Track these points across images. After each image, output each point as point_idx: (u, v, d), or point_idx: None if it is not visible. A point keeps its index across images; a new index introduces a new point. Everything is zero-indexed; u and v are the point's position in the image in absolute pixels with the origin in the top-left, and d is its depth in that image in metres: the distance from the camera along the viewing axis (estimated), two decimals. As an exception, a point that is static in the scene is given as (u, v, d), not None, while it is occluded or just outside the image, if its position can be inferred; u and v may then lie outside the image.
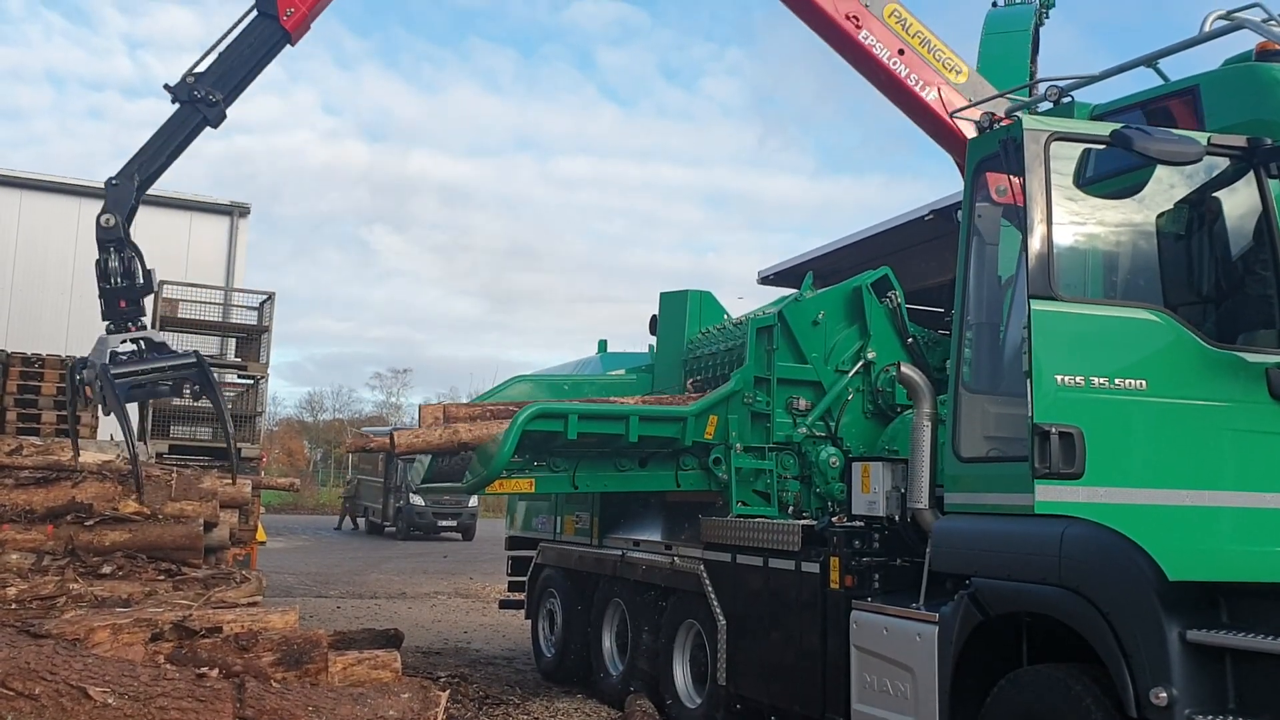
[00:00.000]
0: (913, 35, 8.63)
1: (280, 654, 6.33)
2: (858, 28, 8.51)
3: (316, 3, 8.49)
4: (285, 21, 8.27)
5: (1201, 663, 4.61)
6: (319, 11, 8.61)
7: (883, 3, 8.64)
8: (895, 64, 8.54)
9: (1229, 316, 5.23)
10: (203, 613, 6.52)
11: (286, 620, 6.66)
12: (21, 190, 20.89)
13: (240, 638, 6.27)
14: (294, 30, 8.39)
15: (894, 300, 8.85)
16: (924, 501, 6.30)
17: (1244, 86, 5.52)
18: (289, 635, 6.51)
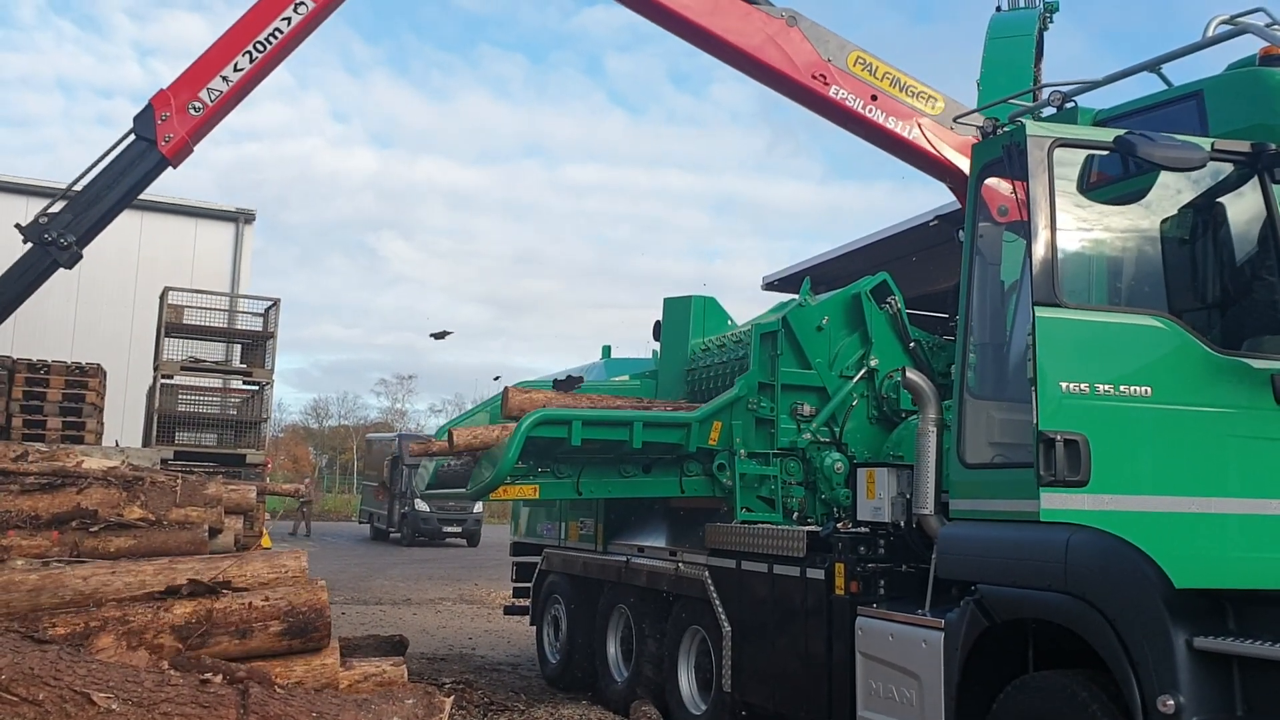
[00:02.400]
0: (881, 78, 8.56)
1: (286, 624, 6.48)
2: (826, 85, 8.46)
3: (199, 128, 7.86)
4: (164, 148, 7.78)
5: (1208, 670, 4.59)
6: (202, 135, 7.96)
7: (846, 52, 8.55)
8: (871, 111, 8.51)
9: (1234, 322, 5.23)
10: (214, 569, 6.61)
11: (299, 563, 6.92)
12: (27, 197, 20.92)
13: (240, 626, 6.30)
14: (173, 156, 7.85)
15: (894, 305, 8.84)
16: (929, 507, 6.29)
17: (1248, 91, 5.52)
18: (294, 604, 6.68)
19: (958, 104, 8.76)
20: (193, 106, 7.65)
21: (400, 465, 33.71)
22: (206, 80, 7.74)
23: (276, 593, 6.70)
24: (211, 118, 7.77)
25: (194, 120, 7.65)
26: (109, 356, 16.69)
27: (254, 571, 6.85)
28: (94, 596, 6.36)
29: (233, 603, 6.44)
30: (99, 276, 20.73)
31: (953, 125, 8.46)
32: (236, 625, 6.46)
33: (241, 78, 7.76)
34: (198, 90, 7.68)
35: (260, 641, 6.57)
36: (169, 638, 6.15)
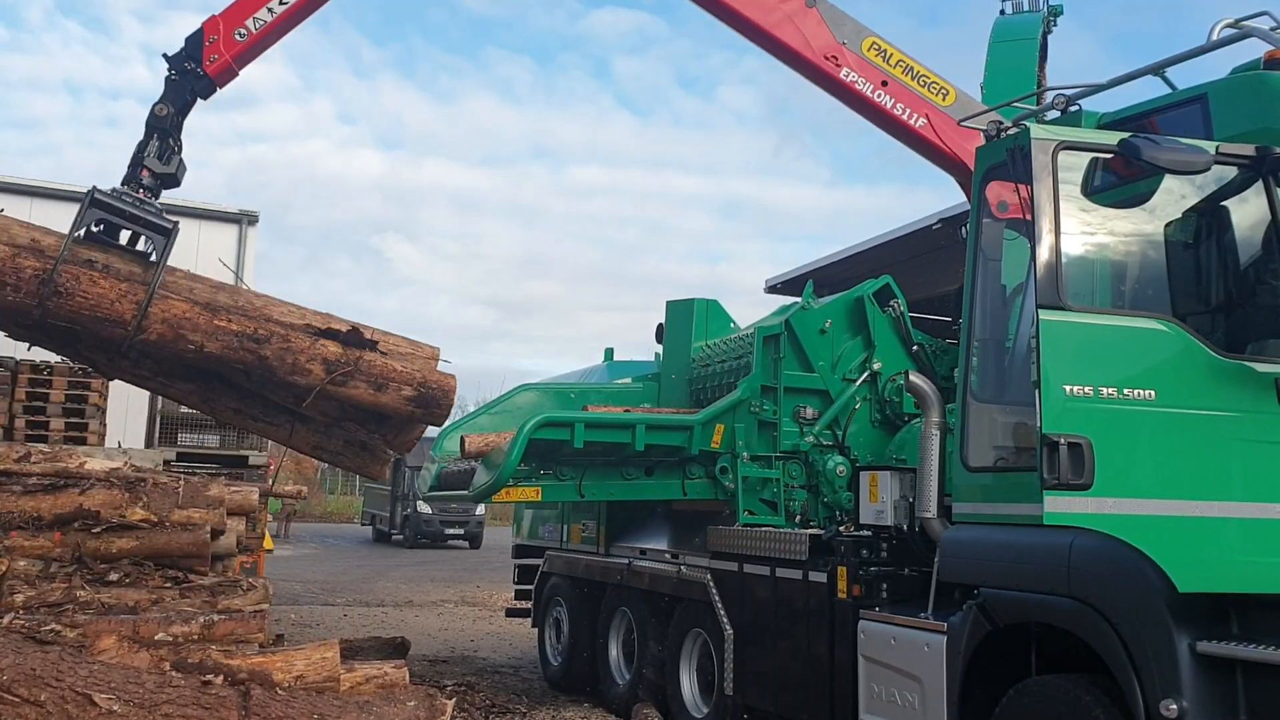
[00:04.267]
0: (894, 65, 8.62)
1: (417, 392, 7.38)
2: (838, 66, 8.53)
3: (242, 52, 8.12)
4: (208, 67, 8.06)
5: (1212, 674, 4.58)
6: (246, 61, 8.23)
7: (861, 37, 8.62)
8: (880, 96, 8.56)
9: (1238, 326, 5.22)
10: (368, 329, 7.56)
11: (434, 350, 7.92)
12: (31, 198, 20.95)
13: (378, 379, 7.23)
14: (216, 76, 8.09)
15: (896, 309, 8.84)
16: (932, 511, 6.28)
17: (1252, 95, 5.51)
18: (428, 378, 7.45)
19: (970, 98, 8.78)
20: (238, 32, 8.01)
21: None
22: (253, 9, 8.10)
23: (414, 365, 7.47)
24: (255, 44, 8.12)
25: (239, 45, 8.02)
26: (112, 358, 16.70)
27: (396, 344, 7.62)
28: (263, 311, 7.21)
29: (377, 359, 7.30)
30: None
31: (960, 124, 8.45)
32: (376, 377, 7.37)
33: (281, 15, 8.13)
34: (244, 18, 8.03)
35: (390, 398, 7.43)
36: (319, 367, 7.01)
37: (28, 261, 6.67)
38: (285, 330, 7.15)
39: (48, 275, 6.60)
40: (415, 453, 34.69)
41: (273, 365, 7.08)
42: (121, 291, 6.85)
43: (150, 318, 6.83)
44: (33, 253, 6.72)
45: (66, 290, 6.69)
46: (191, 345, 6.87)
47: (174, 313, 6.89)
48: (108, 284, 6.83)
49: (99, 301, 6.75)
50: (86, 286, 6.74)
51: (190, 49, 8.04)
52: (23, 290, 6.67)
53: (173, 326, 6.91)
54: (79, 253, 6.90)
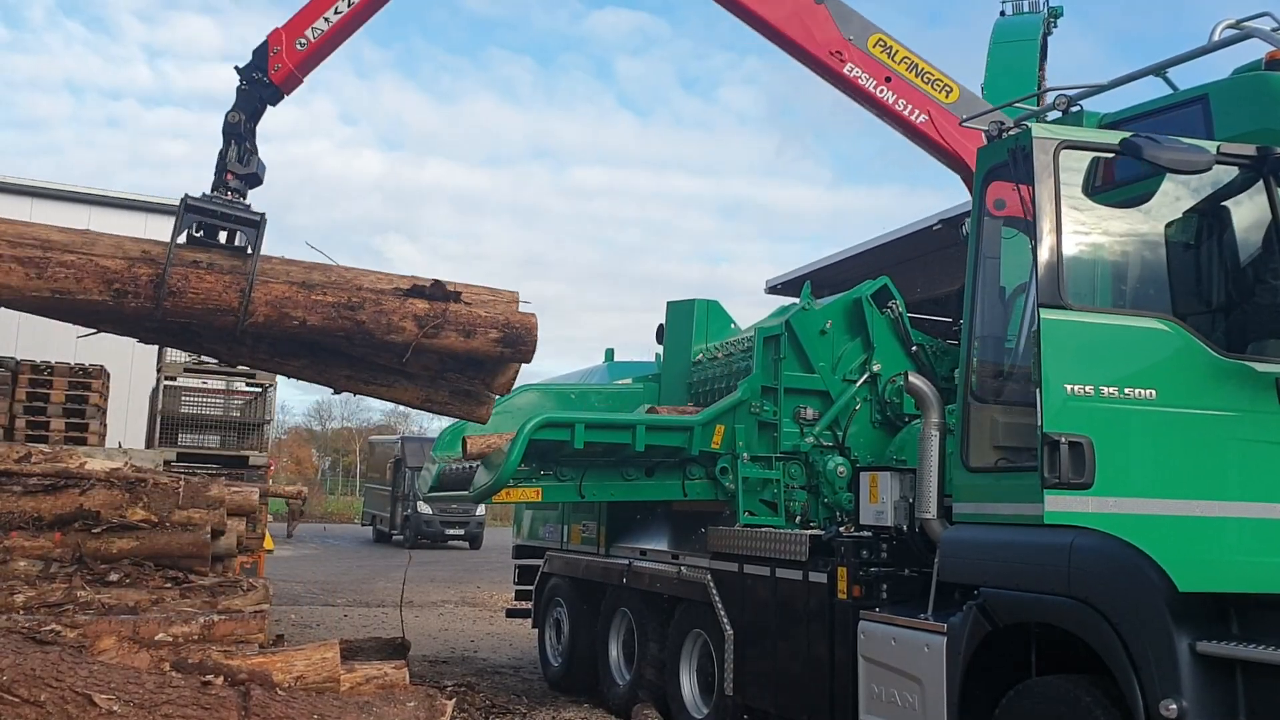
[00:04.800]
0: (899, 61, 8.72)
1: (503, 333, 7.89)
2: (842, 62, 8.67)
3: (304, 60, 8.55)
4: (273, 75, 8.50)
5: (1212, 674, 4.58)
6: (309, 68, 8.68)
7: (868, 33, 8.75)
8: (882, 92, 8.67)
9: (1238, 326, 5.22)
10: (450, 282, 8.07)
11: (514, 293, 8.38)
12: (31, 199, 20.97)
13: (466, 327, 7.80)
14: (281, 83, 8.53)
15: (895, 310, 8.84)
16: (932, 511, 6.28)
17: (1253, 95, 5.51)
18: (510, 319, 7.98)
19: (974, 95, 8.84)
20: (299, 42, 8.49)
21: (403, 467, 33.74)
22: (312, 20, 8.54)
23: (496, 309, 8.04)
24: (315, 52, 8.60)
25: (300, 54, 8.50)
26: (112, 358, 16.67)
27: (477, 293, 8.16)
28: (353, 281, 7.79)
29: (462, 308, 7.89)
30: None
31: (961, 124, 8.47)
32: (464, 325, 7.91)
33: (339, 21, 8.57)
34: (304, 29, 8.50)
35: (480, 342, 7.97)
36: (411, 324, 7.70)
37: (143, 270, 7.32)
38: (376, 295, 7.76)
39: (160, 278, 7.26)
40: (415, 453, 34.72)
41: (370, 328, 7.70)
42: (226, 283, 7.48)
43: (255, 301, 7.44)
44: (145, 262, 7.35)
45: (178, 289, 7.31)
46: (295, 320, 7.52)
47: (275, 294, 7.52)
48: (213, 278, 7.47)
49: (208, 295, 7.40)
50: (195, 283, 7.38)
51: (257, 60, 8.51)
52: (142, 295, 7.28)
53: (276, 306, 7.52)
54: (184, 255, 7.52)
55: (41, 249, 7.12)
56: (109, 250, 7.33)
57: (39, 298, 7.20)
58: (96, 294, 7.22)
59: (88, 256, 7.23)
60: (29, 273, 7.02)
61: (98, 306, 7.39)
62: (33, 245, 7.09)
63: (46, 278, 7.07)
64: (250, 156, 8.29)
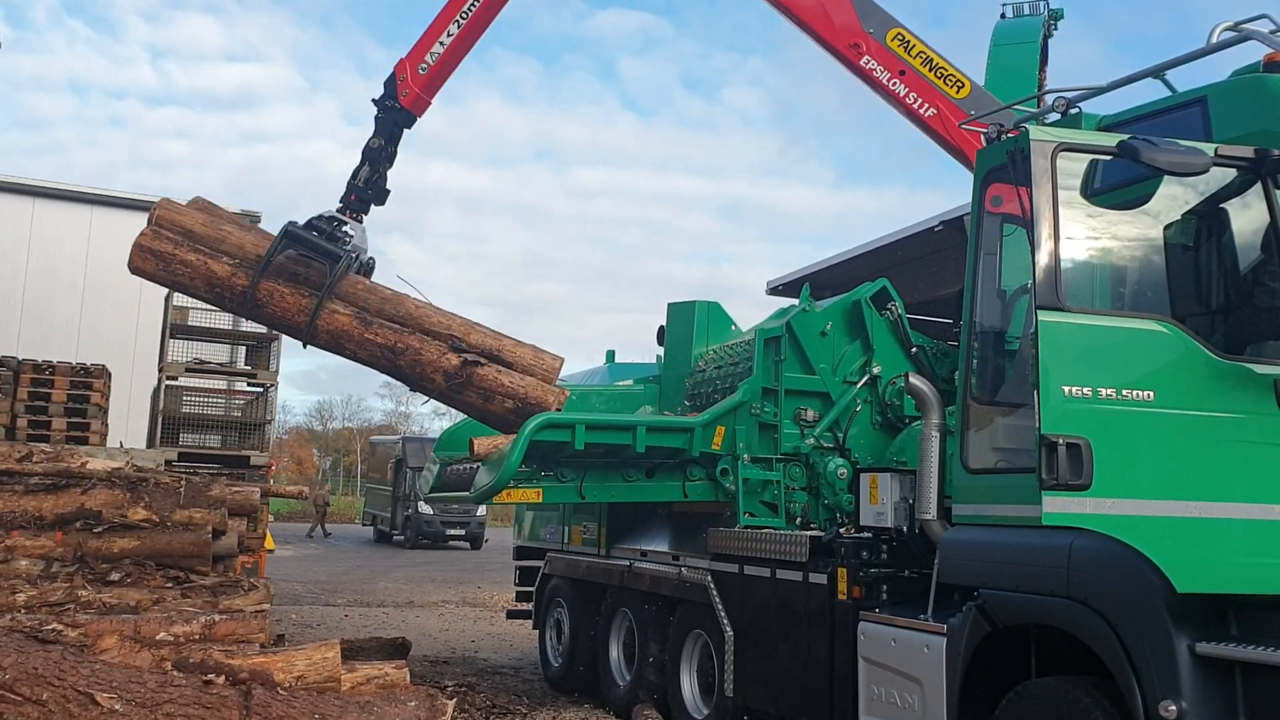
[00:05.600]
0: (915, 55, 8.95)
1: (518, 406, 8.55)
2: (859, 54, 8.97)
3: (428, 83, 9.35)
4: (403, 100, 9.35)
5: (1211, 675, 4.59)
6: (434, 89, 9.48)
7: (887, 27, 9.00)
8: (895, 85, 8.93)
9: (1237, 328, 5.22)
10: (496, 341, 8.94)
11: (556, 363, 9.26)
12: (33, 198, 20.98)
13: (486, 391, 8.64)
14: (411, 106, 9.40)
15: (894, 312, 8.86)
16: (932, 513, 6.29)
17: (1251, 97, 5.52)
18: (529, 395, 8.66)
19: (985, 92, 8.99)
20: (421, 67, 9.26)
21: (404, 468, 33.75)
22: (429, 46, 9.26)
23: (522, 381, 8.73)
24: (436, 74, 9.34)
25: (424, 78, 9.28)
26: (114, 358, 16.70)
27: (521, 355, 8.91)
28: (418, 321, 8.72)
29: (490, 373, 8.63)
30: (104, 278, 20.78)
31: (959, 126, 8.52)
32: (485, 390, 8.66)
33: (453, 40, 9.27)
34: (424, 55, 9.26)
35: (496, 408, 8.70)
36: (440, 377, 8.51)
37: (240, 280, 8.50)
38: (421, 343, 8.65)
39: (249, 291, 8.41)
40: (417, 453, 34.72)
41: (405, 374, 8.76)
42: (301, 306, 8.57)
43: (317, 329, 8.55)
44: (247, 269, 8.51)
45: (262, 303, 8.51)
46: (347, 351, 8.63)
47: (336, 325, 8.56)
48: (292, 299, 8.55)
49: (283, 313, 8.58)
50: (276, 301, 8.52)
51: (388, 89, 9.37)
52: (235, 302, 8.59)
53: (334, 336, 8.59)
54: (284, 265, 8.59)
55: (174, 245, 8.42)
56: (233, 249, 8.57)
57: (165, 283, 8.80)
58: (203, 292, 8.68)
59: (204, 259, 8.48)
60: (158, 265, 8.40)
61: (204, 298, 8.86)
62: (169, 238, 8.39)
63: (169, 272, 8.47)
64: (380, 178, 9.29)
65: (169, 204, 8.73)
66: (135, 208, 21.68)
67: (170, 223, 8.52)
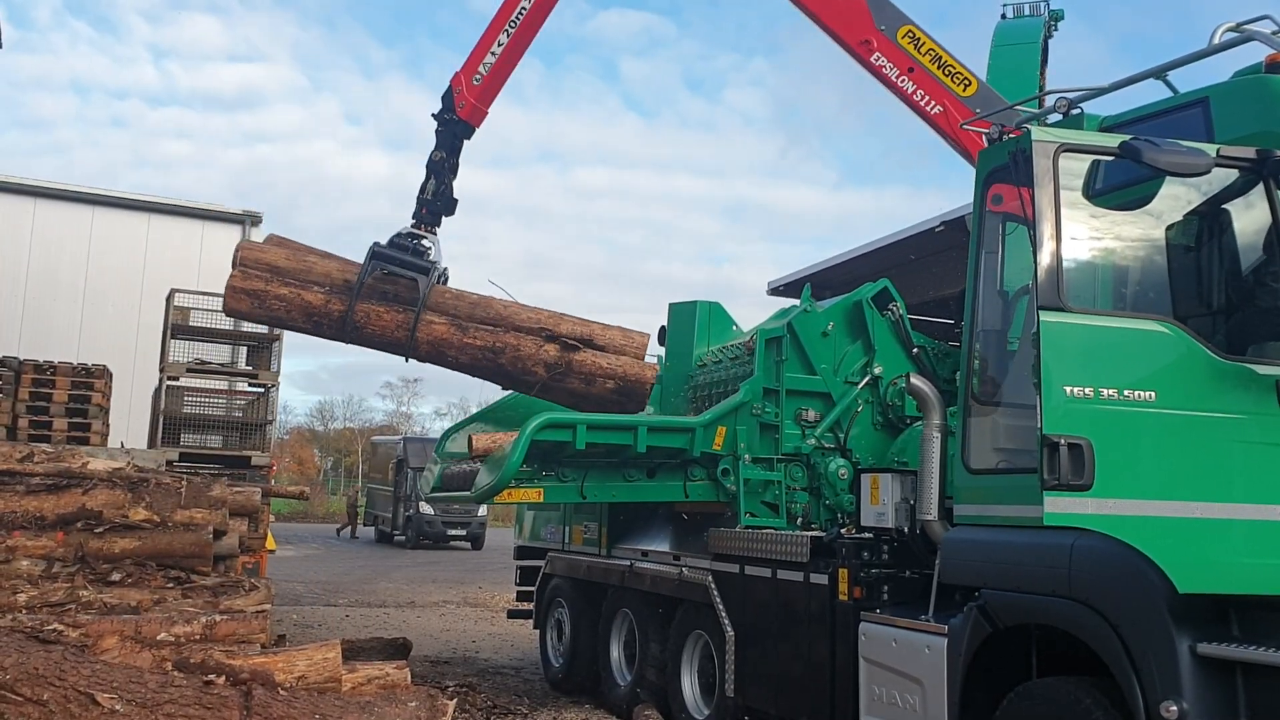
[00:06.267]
0: (924, 53, 9.08)
1: (619, 385, 8.93)
2: (870, 51, 9.13)
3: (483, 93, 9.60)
4: (460, 112, 9.60)
5: (1212, 676, 4.58)
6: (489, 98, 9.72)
7: (899, 24, 9.12)
8: (904, 82, 9.06)
9: (1239, 328, 5.22)
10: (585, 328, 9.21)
11: (644, 339, 9.59)
12: (35, 198, 20.99)
13: (587, 375, 8.91)
14: (468, 117, 9.64)
15: (895, 312, 8.86)
16: (933, 513, 6.29)
17: (1253, 98, 5.51)
18: (628, 373, 8.97)
19: (991, 90, 9.07)
20: (475, 78, 9.52)
21: (405, 468, 33.76)
22: (481, 58, 9.51)
23: (618, 361, 9.03)
24: (490, 83, 9.59)
25: (478, 89, 9.55)
26: (115, 358, 16.71)
27: (612, 337, 9.20)
28: (508, 319, 8.97)
29: (588, 358, 8.93)
30: (105, 278, 20.80)
31: (961, 126, 8.55)
32: (586, 375, 8.94)
33: (504, 51, 9.51)
34: (477, 66, 9.51)
35: (597, 390, 8.95)
36: (541, 369, 8.81)
37: (335, 306, 8.71)
38: (518, 340, 8.93)
39: (347, 315, 8.64)
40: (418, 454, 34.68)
41: (507, 370, 8.99)
42: (399, 323, 8.81)
43: (418, 341, 8.79)
44: (343, 294, 8.73)
45: (360, 325, 8.73)
46: (449, 357, 8.88)
47: (435, 334, 8.79)
48: (389, 316, 8.77)
49: (382, 331, 8.81)
50: (374, 321, 8.76)
51: (445, 103, 9.63)
52: (333, 328, 8.75)
53: (435, 346, 8.83)
54: (373, 286, 8.78)
55: (265, 281, 8.65)
56: (320, 278, 8.80)
57: (260, 320, 9.01)
58: (300, 323, 8.84)
59: (297, 291, 8.70)
60: (253, 303, 8.64)
61: (302, 329, 8.98)
62: (258, 276, 8.60)
63: (265, 309, 8.72)
64: (447, 189, 9.47)
65: (249, 244, 9.00)
66: (136, 208, 21.73)
67: (255, 261, 8.71)
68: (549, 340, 8.92)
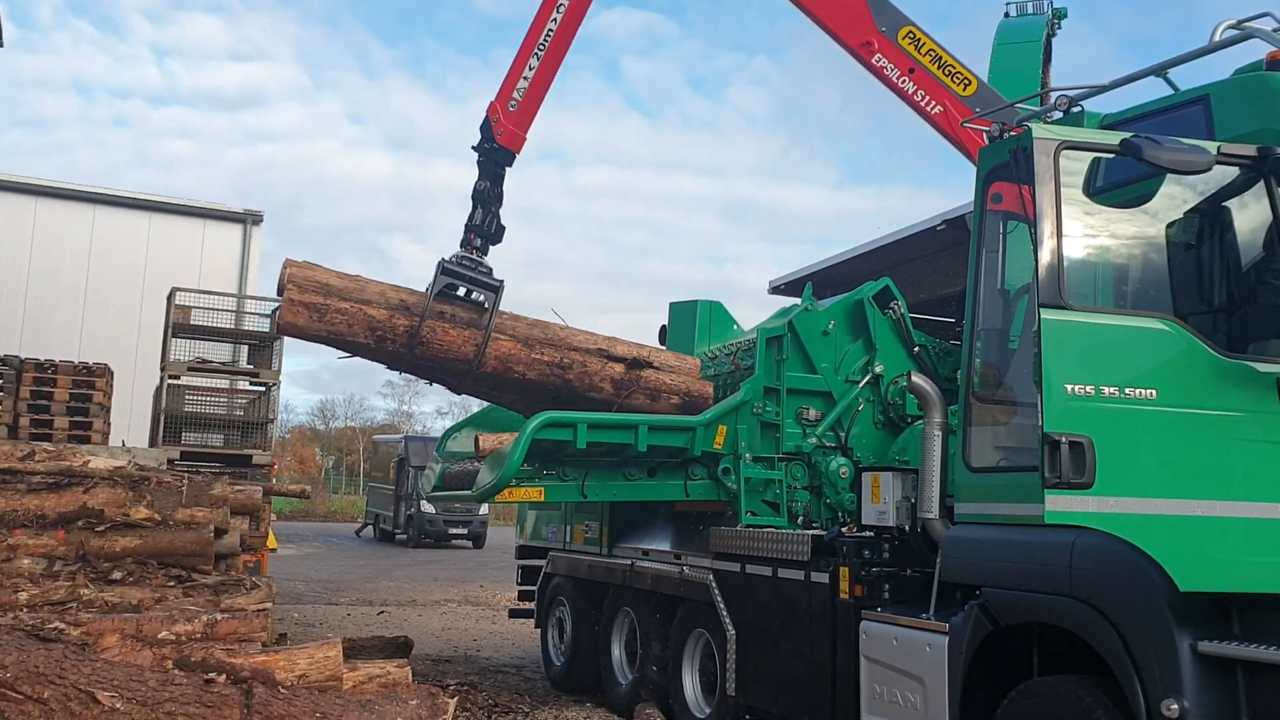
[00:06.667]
0: (925, 53, 9.12)
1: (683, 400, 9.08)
2: (871, 52, 9.18)
3: (520, 118, 9.57)
4: (500, 139, 9.55)
5: (1213, 674, 4.58)
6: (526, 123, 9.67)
7: (899, 24, 9.16)
8: (904, 83, 9.11)
9: (1239, 326, 5.22)
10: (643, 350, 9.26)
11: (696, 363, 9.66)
12: (36, 197, 21.03)
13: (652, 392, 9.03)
14: (508, 144, 9.57)
15: (897, 311, 8.86)
16: (934, 511, 6.29)
17: (1254, 96, 5.51)
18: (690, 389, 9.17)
19: (991, 90, 9.12)
20: (510, 105, 9.48)
21: (406, 467, 33.76)
22: (514, 83, 9.47)
23: (679, 378, 9.24)
24: (526, 108, 9.55)
25: (515, 115, 9.50)
26: (116, 357, 16.74)
27: (665, 359, 9.36)
28: (566, 340, 9.03)
29: (652, 375, 9.07)
30: (106, 277, 20.85)
31: (961, 125, 8.56)
32: (651, 390, 9.07)
33: (536, 73, 9.49)
34: (511, 92, 9.47)
35: (662, 406, 9.08)
36: (608, 385, 8.94)
37: (400, 320, 8.52)
38: (583, 357, 8.95)
39: (415, 330, 8.48)
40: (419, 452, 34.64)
41: (575, 385, 8.93)
42: (465, 338, 8.68)
43: (486, 356, 8.67)
44: (402, 312, 8.56)
45: (427, 340, 8.55)
46: (516, 374, 8.77)
47: (503, 350, 8.72)
48: (455, 332, 8.65)
49: (449, 346, 8.63)
50: (440, 336, 8.61)
51: (484, 133, 9.55)
52: (398, 342, 8.52)
53: (503, 361, 8.72)
54: (433, 307, 8.66)
55: (323, 295, 8.42)
56: (374, 296, 8.60)
57: (318, 336, 8.53)
58: (363, 338, 8.51)
59: (358, 305, 8.47)
60: (312, 316, 8.31)
61: (362, 347, 8.65)
62: (316, 290, 8.40)
63: (325, 322, 8.38)
64: (493, 219, 9.45)
65: (295, 262, 8.61)
66: (138, 207, 21.78)
67: (306, 279, 8.46)
68: (609, 359, 9.01)
